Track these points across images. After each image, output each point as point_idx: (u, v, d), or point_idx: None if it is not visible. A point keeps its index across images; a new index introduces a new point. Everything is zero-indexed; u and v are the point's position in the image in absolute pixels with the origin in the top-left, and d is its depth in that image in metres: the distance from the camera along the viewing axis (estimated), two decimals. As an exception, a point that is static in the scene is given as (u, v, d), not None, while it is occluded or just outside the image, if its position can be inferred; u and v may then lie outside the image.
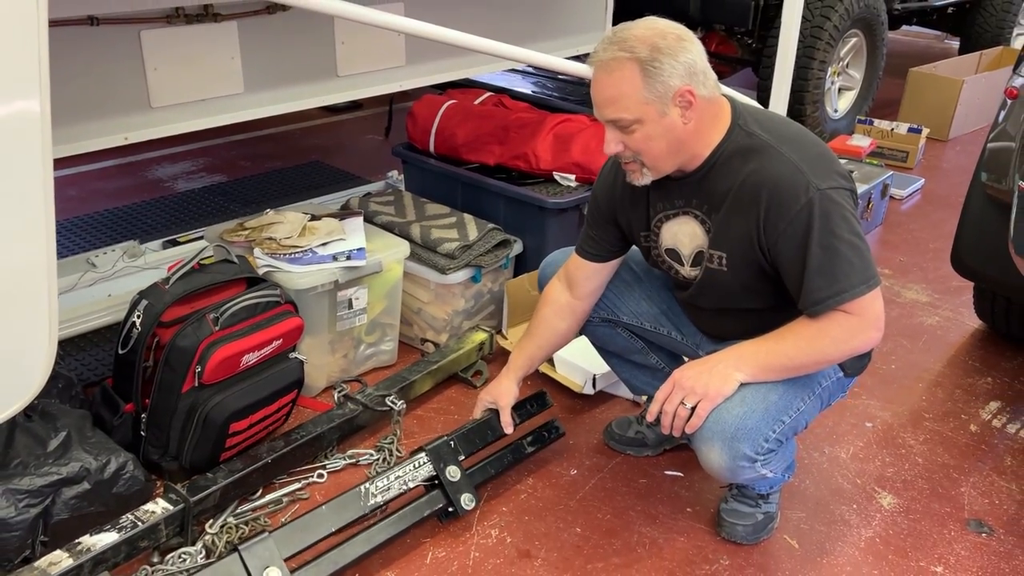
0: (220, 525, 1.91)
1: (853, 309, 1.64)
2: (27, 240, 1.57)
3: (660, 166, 1.71)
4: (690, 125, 1.65)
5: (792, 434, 1.79)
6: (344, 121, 5.10)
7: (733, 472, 1.73)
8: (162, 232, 3.34)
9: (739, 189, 1.68)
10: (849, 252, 1.63)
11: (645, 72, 1.59)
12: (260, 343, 1.99)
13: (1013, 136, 2.30)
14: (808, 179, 1.62)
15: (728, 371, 1.70)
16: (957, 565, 1.94)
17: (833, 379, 1.83)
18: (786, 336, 1.70)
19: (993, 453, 2.32)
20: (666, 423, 1.72)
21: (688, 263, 1.86)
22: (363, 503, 1.81)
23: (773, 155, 1.66)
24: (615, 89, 1.63)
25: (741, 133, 1.70)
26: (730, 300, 1.84)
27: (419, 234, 2.61)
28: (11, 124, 1.49)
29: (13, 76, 1.47)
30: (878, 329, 1.67)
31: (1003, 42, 6.06)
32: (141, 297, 1.98)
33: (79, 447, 1.87)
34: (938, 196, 4.19)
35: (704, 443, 1.71)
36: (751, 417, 1.68)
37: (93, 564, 1.68)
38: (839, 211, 1.63)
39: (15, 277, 1.58)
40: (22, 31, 1.45)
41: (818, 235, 1.62)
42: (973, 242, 2.48)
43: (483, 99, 3.17)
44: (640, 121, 1.63)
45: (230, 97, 2.54)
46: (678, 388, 1.71)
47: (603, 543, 1.97)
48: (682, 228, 1.83)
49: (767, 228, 1.66)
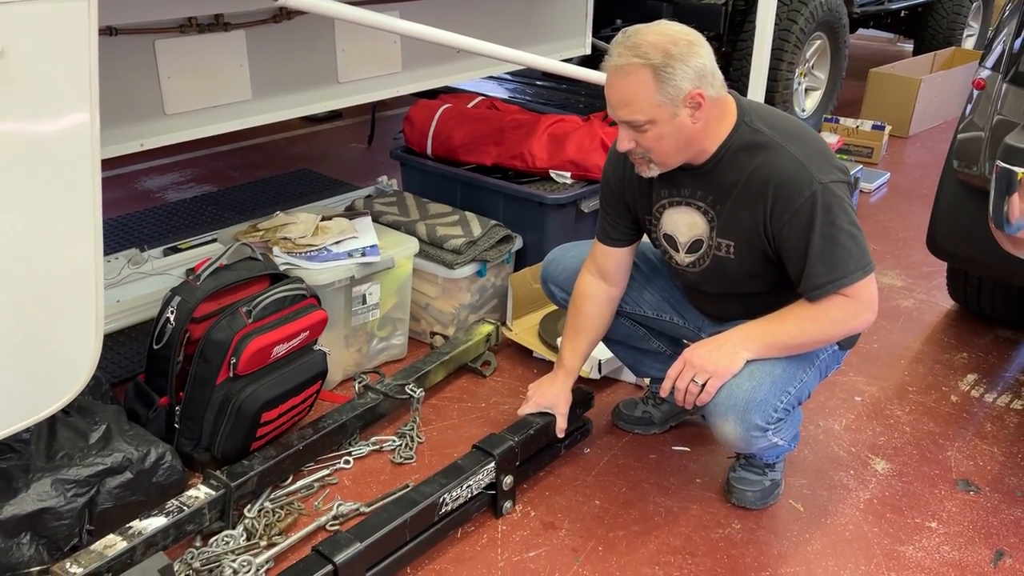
0: (258, 509, 1.99)
1: (850, 293, 1.78)
2: (78, 242, 1.65)
3: (668, 162, 1.83)
4: (699, 124, 1.77)
5: (797, 403, 1.93)
6: (326, 131, 5.18)
7: (747, 442, 1.85)
8: (160, 240, 3.38)
9: (746, 182, 1.81)
10: (848, 241, 1.77)
11: (658, 77, 1.69)
12: (289, 335, 2.07)
13: (981, 125, 2.47)
14: (811, 173, 1.75)
15: (735, 350, 1.82)
16: (949, 520, 2.09)
17: (829, 352, 1.98)
18: (788, 317, 1.83)
19: (974, 420, 2.49)
20: (679, 398, 1.85)
21: (683, 250, 1.98)
22: (438, 512, 1.88)
23: (778, 151, 1.78)
24: (629, 92, 1.72)
25: (747, 129, 1.82)
26: (734, 285, 1.97)
27: (425, 232, 2.71)
28: (66, 134, 1.56)
29: (68, 90, 1.54)
30: (872, 311, 1.82)
31: (954, 43, 6.34)
32: (174, 294, 2.05)
33: (119, 439, 1.93)
34: (903, 189, 4.40)
35: (719, 418, 1.84)
36: (760, 390, 1.81)
37: (145, 546, 1.75)
38: (839, 203, 1.76)
39: (67, 277, 1.65)
40: (77, 46, 1.53)
41: (820, 225, 1.75)
42: (947, 225, 2.65)
43: (476, 103, 3.29)
44: (652, 122, 1.74)
45: (239, 104, 2.61)
46: (689, 366, 1.83)
47: (622, 513, 2.08)
48: (683, 217, 1.95)
49: (773, 218, 1.79)
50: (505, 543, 1.98)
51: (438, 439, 2.33)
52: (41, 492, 1.78)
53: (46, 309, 1.64)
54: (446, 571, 1.89)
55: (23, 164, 1.52)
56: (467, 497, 1.95)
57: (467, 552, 1.95)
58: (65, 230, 1.63)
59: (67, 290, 1.67)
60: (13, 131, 1.49)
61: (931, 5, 6.35)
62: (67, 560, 1.67)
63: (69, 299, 1.68)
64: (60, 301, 1.66)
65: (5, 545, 1.75)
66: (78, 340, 1.71)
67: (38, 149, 1.54)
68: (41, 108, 1.52)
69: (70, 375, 1.73)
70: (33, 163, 1.54)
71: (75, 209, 1.63)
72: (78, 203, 1.63)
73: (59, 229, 1.62)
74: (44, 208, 1.58)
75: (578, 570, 1.90)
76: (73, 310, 1.69)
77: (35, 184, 1.55)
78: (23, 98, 1.49)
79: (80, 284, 1.68)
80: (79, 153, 1.60)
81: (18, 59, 1.45)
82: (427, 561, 1.91)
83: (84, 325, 1.71)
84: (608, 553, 1.95)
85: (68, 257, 1.65)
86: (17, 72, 1.46)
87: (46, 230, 1.60)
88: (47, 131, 1.54)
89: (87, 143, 1.60)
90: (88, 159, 1.61)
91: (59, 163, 1.58)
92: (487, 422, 2.40)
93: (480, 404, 2.50)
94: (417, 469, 2.20)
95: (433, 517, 1.87)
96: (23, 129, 1.51)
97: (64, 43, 1.51)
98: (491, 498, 2.03)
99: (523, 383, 2.59)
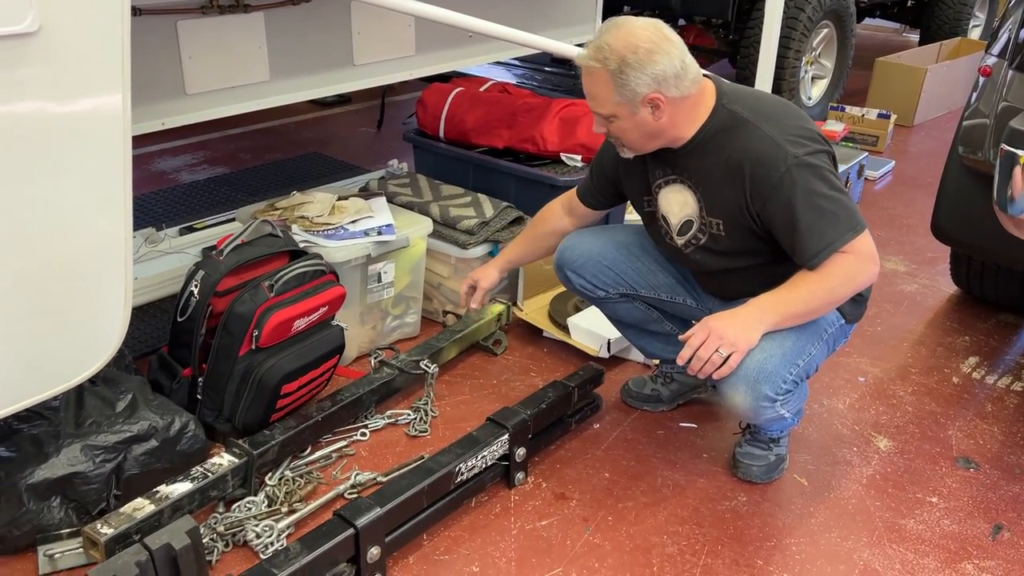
0: (279, 478, 2.05)
1: (847, 251, 1.82)
2: (110, 216, 1.70)
3: (639, 149, 1.94)
4: (663, 120, 1.84)
5: (805, 376, 1.98)
6: (335, 115, 5.23)
7: (756, 412, 1.91)
8: (175, 220, 3.43)
9: (725, 163, 1.88)
10: (832, 206, 1.81)
11: (615, 81, 1.79)
12: (309, 309, 2.13)
13: (986, 112, 2.52)
14: (785, 149, 1.80)
15: (753, 323, 1.84)
16: (949, 495, 2.15)
17: (836, 326, 2.02)
18: (797, 285, 1.87)
19: (975, 401, 2.54)
20: (696, 367, 1.83)
21: (675, 231, 2.05)
22: (454, 481, 1.94)
23: (753, 130, 1.84)
24: (593, 89, 1.85)
25: (724, 112, 1.89)
26: (732, 261, 2.02)
27: (438, 213, 2.76)
28: (101, 110, 1.61)
29: (103, 67, 1.58)
30: (875, 264, 1.86)
31: (960, 33, 6.37)
32: (198, 268, 2.11)
33: (145, 408, 1.99)
34: (908, 177, 4.44)
35: (730, 387, 1.89)
36: (770, 362, 1.86)
37: (171, 510, 1.81)
38: (816, 172, 1.82)
39: (99, 249, 1.71)
40: (111, 24, 1.58)
41: (801, 197, 1.80)
42: (951, 210, 2.70)
43: (488, 86, 3.33)
44: (615, 116, 1.85)
45: (257, 85, 2.67)
46: (714, 336, 1.81)
47: (631, 485, 2.14)
48: (675, 196, 2.02)
49: (753, 197, 1.86)
50: (518, 512, 2.04)
51: (451, 414, 2.39)
52: (71, 457, 1.84)
53: (78, 280, 1.70)
54: (461, 538, 1.95)
55: (60, 138, 1.58)
56: (482, 467, 2.01)
57: (481, 520, 2.01)
58: (98, 203, 1.68)
59: (98, 262, 1.72)
60: (51, 106, 1.54)
61: (938, -5, 6.38)
62: (97, 522, 1.74)
63: (100, 270, 1.73)
64: (91, 272, 1.72)
65: (36, 507, 1.81)
66: (108, 310, 1.76)
67: (74, 123, 1.59)
68: (78, 84, 1.57)
69: (99, 344, 1.79)
70: (69, 137, 1.59)
71: (108, 183, 1.68)
72: (111, 177, 1.68)
73: (92, 202, 1.67)
74: (78, 181, 1.63)
75: (588, 538, 1.96)
76: (104, 281, 1.74)
77: (70, 157, 1.60)
78: (61, 74, 1.54)
79: (111, 256, 1.74)
80: (113, 128, 1.65)
81: (56, 36, 1.50)
82: (443, 528, 1.97)
83: (114, 296, 1.77)
84: (618, 523, 2.01)
85: (100, 230, 1.70)
86: (55, 48, 1.51)
87: (80, 203, 1.65)
88: (83, 106, 1.59)
89: (119, 119, 1.65)
90: (120, 134, 1.66)
91: (94, 137, 1.63)
92: (498, 398, 2.46)
93: (492, 381, 2.56)
94: (431, 442, 2.26)
95: (449, 486, 1.93)
96: (61, 104, 1.56)
97: (99, 20, 1.56)
98: (504, 469, 2.09)
99: (533, 361, 2.66)
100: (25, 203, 1.56)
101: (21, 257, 1.59)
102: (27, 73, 1.50)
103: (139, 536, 1.73)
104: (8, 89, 1.48)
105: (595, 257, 2.22)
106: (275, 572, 1.61)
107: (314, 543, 1.68)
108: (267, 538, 1.86)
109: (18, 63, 1.48)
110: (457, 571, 1.86)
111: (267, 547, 1.85)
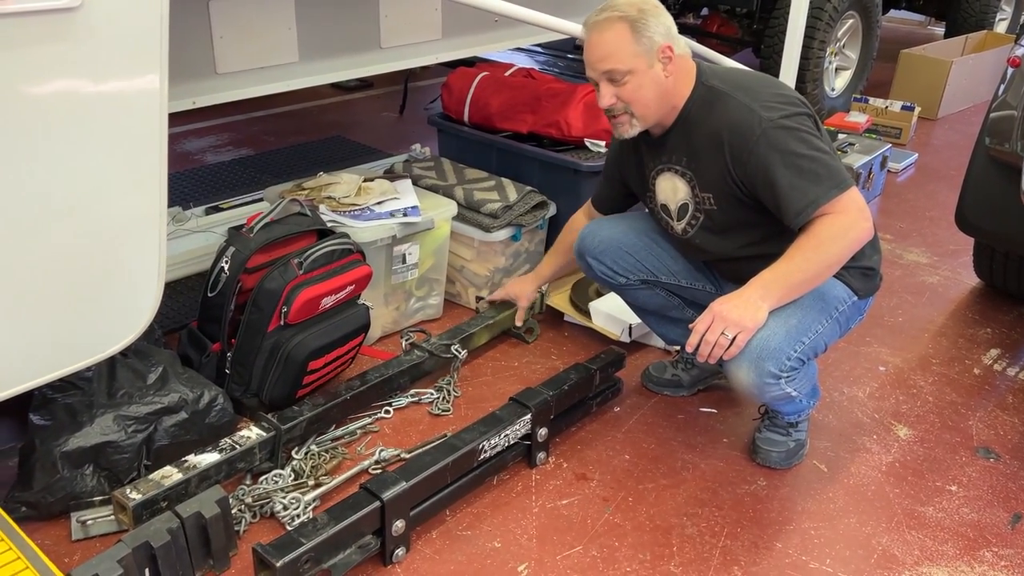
0: (305, 452, 2.08)
1: (835, 209, 1.83)
2: (146, 191, 1.74)
3: (648, 114, 1.96)
4: (670, 80, 1.92)
5: (812, 355, 1.98)
6: (357, 99, 5.26)
7: (760, 389, 1.92)
8: (201, 200, 3.47)
9: (707, 136, 1.94)
10: (813, 165, 1.83)
11: (634, 28, 1.86)
12: (337, 287, 2.16)
13: (1014, 103, 2.51)
14: (759, 114, 1.86)
15: (757, 302, 1.84)
16: (969, 484, 2.16)
17: (848, 303, 2.02)
18: (793, 255, 1.85)
19: (996, 392, 2.55)
20: (704, 352, 1.85)
21: (675, 218, 2.09)
22: (477, 458, 1.97)
23: (729, 101, 1.91)
24: (610, 45, 1.88)
25: (703, 88, 1.96)
26: (733, 239, 2.04)
27: (463, 196, 2.78)
28: (140, 86, 1.64)
29: (143, 43, 1.62)
30: (866, 219, 1.86)
31: (987, 26, 6.31)
32: (228, 244, 2.14)
33: (175, 381, 2.03)
34: (931, 169, 4.42)
35: (734, 365, 1.90)
36: (774, 339, 1.87)
37: (199, 480, 1.85)
38: (793, 134, 1.85)
39: (134, 224, 1.74)
40: (150, 5, 1.61)
41: (778, 158, 1.84)
42: (976, 201, 2.70)
43: (513, 71, 3.35)
44: (632, 72, 1.89)
45: (287, 66, 2.69)
46: (719, 320, 1.84)
47: (651, 467, 2.16)
48: (666, 184, 2.08)
49: (735, 164, 1.90)
50: (539, 491, 2.06)
51: (473, 394, 2.42)
52: (104, 427, 1.88)
53: (114, 254, 1.73)
54: (483, 514, 1.98)
55: (99, 113, 1.61)
56: (504, 446, 2.03)
57: (503, 498, 2.04)
58: (135, 179, 1.72)
59: (133, 236, 1.76)
60: (92, 81, 1.58)
61: (964, -13, 6.32)
62: (127, 487, 1.78)
63: (135, 245, 1.77)
64: (127, 247, 1.75)
65: (70, 474, 1.85)
66: (141, 284, 1.80)
67: (113, 99, 1.62)
68: (117, 60, 1.60)
69: (132, 318, 1.83)
70: (108, 113, 1.62)
71: (144, 159, 1.71)
72: (147, 153, 1.71)
73: (129, 178, 1.70)
74: (116, 157, 1.67)
75: (608, 518, 1.99)
76: (138, 255, 1.78)
77: (109, 133, 1.64)
78: (101, 50, 1.57)
79: (146, 231, 1.77)
80: (150, 105, 1.68)
81: (97, 12, 1.53)
82: (465, 505, 2.00)
83: (148, 270, 1.80)
84: (637, 503, 2.04)
85: (136, 204, 1.74)
86: (96, 24, 1.54)
87: (117, 178, 1.68)
88: (122, 82, 1.62)
89: (157, 95, 1.68)
90: (157, 111, 1.70)
91: (132, 113, 1.66)
92: (520, 380, 2.48)
93: (513, 363, 2.59)
94: (453, 421, 2.29)
95: (473, 463, 1.96)
96: (101, 79, 1.59)
97: (144, 10, 1.59)
98: (526, 449, 2.11)
99: (555, 345, 2.69)
100: (64, 178, 1.60)
101: (60, 232, 1.62)
102: (69, 48, 1.53)
103: (166, 503, 1.77)
104: (50, 63, 1.52)
105: (616, 244, 2.24)
106: (303, 541, 1.64)
107: (341, 515, 1.71)
108: (294, 510, 1.90)
109: (60, 38, 1.51)
110: (479, 546, 1.89)
111: (294, 519, 1.89)
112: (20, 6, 1.43)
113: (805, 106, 1.91)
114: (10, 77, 1.47)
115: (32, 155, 1.53)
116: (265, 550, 1.61)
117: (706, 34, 5.23)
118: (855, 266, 1.99)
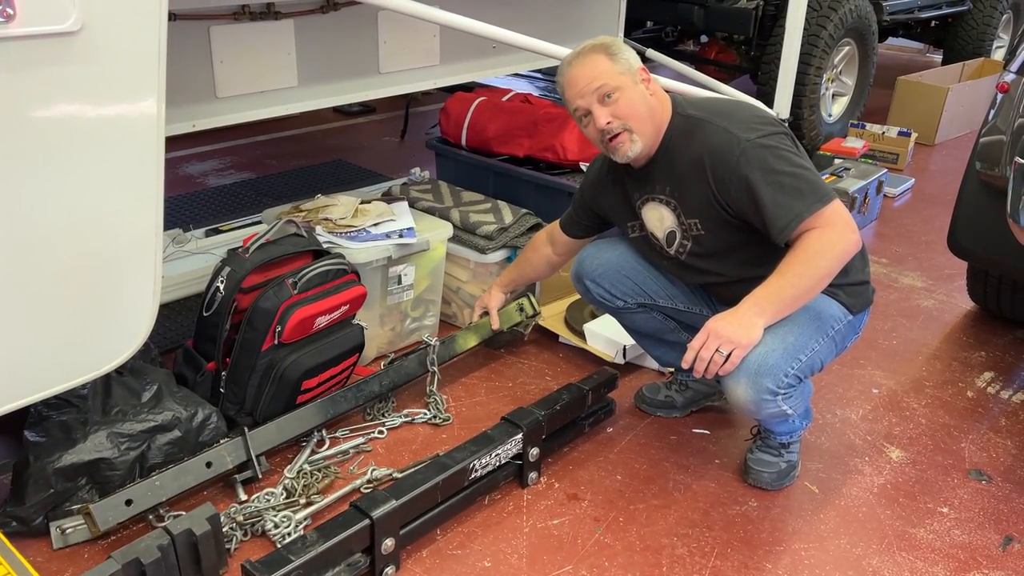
0: (297, 471, 2.09)
1: (819, 222, 1.85)
2: (143, 213, 1.76)
3: (644, 129, 1.99)
4: (653, 99, 1.99)
5: (809, 372, 1.99)
6: (359, 124, 5.31)
7: (757, 405, 1.93)
8: (201, 222, 3.51)
9: (689, 164, 1.98)
10: (794, 180, 1.87)
11: (611, 54, 1.96)
12: (331, 307, 2.18)
13: (1003, 128, 2.54)
14: (738, 136, 1.90)
15: (752, 320, 1.87)
16: (961, 506, 2.16)
17: (844, 322, 2.04)
18: (784, 271, 1.88)
19: (989, 415, 2.55)
20: (700, 369, 1.88)
21: (664, 244, 2.13)
22: (468, 477, 1.98)
23: (707, 127, 1.96)
24: (595, 69, 1.95)
25: (680, 118, 2.02)
26: (724, 262, 2.06)
27: (458, 218, 2.81)
28: (138, 109, 1.67)
29: (141, 67, 1.65)
30: (853, 230, 1.88)
31: (984, 53, 6.37)
32: (224, 264, 2.17)
33: (169, 399, 2.05)
34: (928, 195, 4.45)
35: (732, 381, 1.92)
36: (771, 356, 1.89)
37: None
38: (772, 152, 1.89)
39: (131, 244, 1.77)
40: (150, 26, 1.64)
41: (761, 175, 1.87)
42: (968, 224, 2.72)
43: (510, 96, 3.39)
44: (620, 88, 1.94)
45: (286, 90, 2.74)
46: (714, 337, 1.86)
47: (642, 488, 2.17)
48: (652, 214, 2.12)
49: (718, 187, 1.93)
50: (530, 511, 2.07)
51: (467, 414, 2.43)
52: (98, 443, 1.90)
53: (110, 274, 1.76)
54: (474, 534, 1.99)
55: (97, 135, 1.64)
56: (495, 466, 2.04)
57: (494, 518, 2.04)
58: (131, 201, 1.74)
59: (130, 256, 1.78)
60: (90, 104, 1.61)
61: (961, 15, 6.38)
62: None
63: (131, 265, 1.79)
64: (123, 267, 1.78)
65: (64, 488, 1.86)
66: (137, 303, 1.82)
67: (111, 122, 1.65)
68: (116, 84, 1.63)
69: (128, 336, 1.84)
70: (106, 135, 1.65)
71: (142, 181, 1.74)
72: (145, 175, 1.74)
73: (126, 199, 1.73)
74: (113, 179, 1.69)
75: (600, 538, 1.99)
76: (134, 275, 1.80)
77: (106, 155, 1.67)
78: (100, 73, 1.60)
79: (142, 251, 1.80)
80: (148, 128, 1.71)
81: (97, 36, 1.57)
82: (456, 524, 2.01)
83: (143, 289, 1.82)
84: (628, 524, 2.04)
85: (133, 225, 1.76)
86: (96, 48, 1.58)
87: (114, 200, 1.71)
88: (120, 106, 1.65)
89: (154, 119, 1.71)
90: (155, 134, 1.73)
91: (129, 136, 1.69)
92: (514, 400, 2.50)
93: (507, 383, 2.60)
94: (447, 441, 2.30)
95: (464, 482, 1.97)
96: (99, 102, 1.62)
97: (138, 23, 1.62)
98: (518, 468, 2.12)
99: (549, 366, 2.70)
100: (62, 199, 1.62)
101: (57, 251, 1.65)
102: (68, 71, 1.56)
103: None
104: (50, 86, 1.55)
105: (614, 267, 2.26)
106: (291, 559, 1.65)
107: (330, 532, 1.72)
108: (285, 528, 1.91)
109: (60, 61, 1.54)
110: (469, 566, 1.90)
111: (284, 537, 1.89)
112: (20, 30, 1.47)
113: (782, 126, 1.96)
114: (9, 100, 1.50)
115: (30, 176, 1.56)
116: (254, 567, 1.62)
117: (704, 61, 5.29)
118: (846, 283, 2.02)
